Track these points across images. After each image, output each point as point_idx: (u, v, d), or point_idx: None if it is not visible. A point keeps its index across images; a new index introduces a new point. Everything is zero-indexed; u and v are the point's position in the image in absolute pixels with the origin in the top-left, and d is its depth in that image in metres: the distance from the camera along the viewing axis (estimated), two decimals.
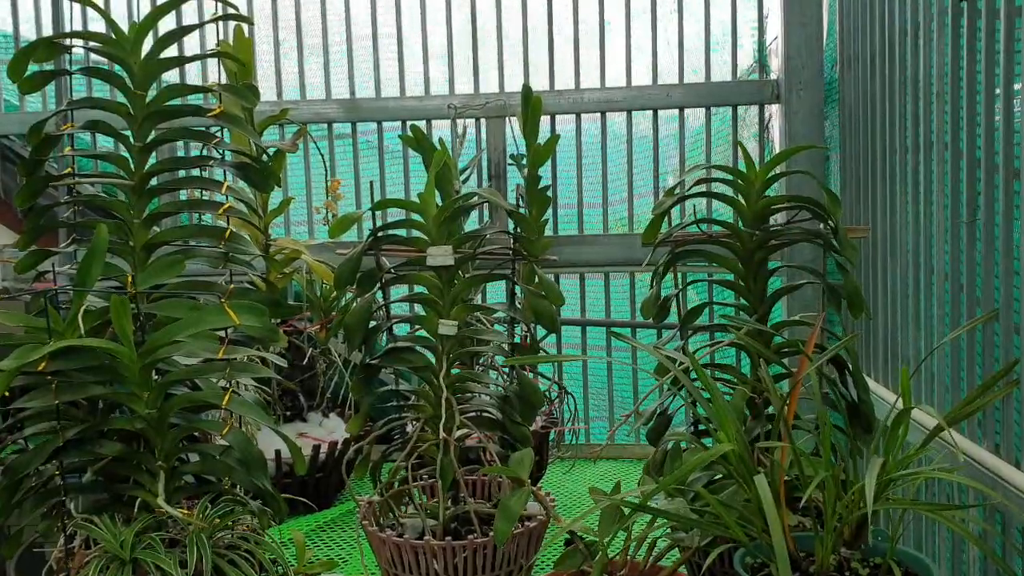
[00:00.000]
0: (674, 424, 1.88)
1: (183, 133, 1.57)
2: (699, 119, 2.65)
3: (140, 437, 1.55)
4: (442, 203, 1.76)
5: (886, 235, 1.93)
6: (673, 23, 2.58)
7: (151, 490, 1.53)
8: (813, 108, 2.42)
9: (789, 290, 1.76)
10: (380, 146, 2.72)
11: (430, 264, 1.71)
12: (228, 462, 1.53)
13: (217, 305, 1.43)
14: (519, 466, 1.54)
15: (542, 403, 1.75)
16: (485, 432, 1.73)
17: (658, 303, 1.80)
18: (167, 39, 1.56)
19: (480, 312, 1.89)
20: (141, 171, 1.59)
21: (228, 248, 1.59)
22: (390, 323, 1.77)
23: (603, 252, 2.57)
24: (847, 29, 2.23)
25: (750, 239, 1.74)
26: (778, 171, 1.71)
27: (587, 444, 2.63)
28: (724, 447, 1.30)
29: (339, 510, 2.21)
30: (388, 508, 1.75)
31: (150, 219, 1.60)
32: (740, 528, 1.30)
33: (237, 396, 1.51)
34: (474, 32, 2.67)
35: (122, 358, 1.43)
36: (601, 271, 2.69)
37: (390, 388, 1.80)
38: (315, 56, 2.71)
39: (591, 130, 2.66)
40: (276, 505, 1.55)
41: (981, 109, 1.42)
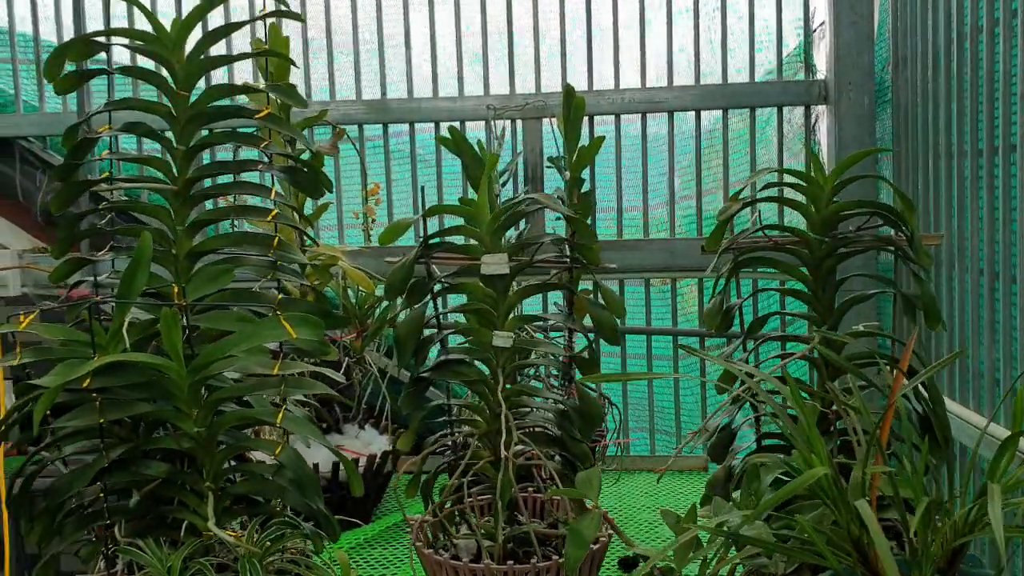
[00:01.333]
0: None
1: (231, 136, 1.49)
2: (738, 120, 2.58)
3: (185, 457, 1.47)
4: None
5: (951, 242, 1.86)
6: (716, 22, 2.51)
7: (199, 512, 1.45)
8: (864, 109, 2.34)
9: (861, 299, 1.68)
10: (412, 149, 2.64)
11: (484, 273, 1.63)
12: (280, 482, 1.45)
13: (273, 318, 1.35)
14: (587, 487, 1.46)
15: (602, 418, 1.68)
16: (543, 449, 1.66)
17: (722, 312, 1.73)
18: (213, 36, 1.48)
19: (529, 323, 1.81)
20: (185, 176, 1.51)
21: (277, 256, 1.51)
22: (442, 334, 1.69)
23: (644, 258, 2.50)
24: (901, 27, 2.16)
25: (819, 246, 1.66)
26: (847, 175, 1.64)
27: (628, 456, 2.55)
28: (818, 471, 1.22)
29: (379, 526, 2.13)
30: (441, 529, 1.67)
31: (194, 226, 1.52)
32: (835, 558, 1.23)
33: (290, 413, 1.43)
34: (510, 31, 2.59)
35: (171, 374, 1.36)
36: (641, 277, 2.61)
37: (442, 402, 1.72)
38: (344, 55, 2.64)
39: (629, 131, 2.59)
40: (330, 527, 1.48)
41: None
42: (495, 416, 1.67)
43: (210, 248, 1.52)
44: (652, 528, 2.17)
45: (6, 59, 2.88)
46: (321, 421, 2.22)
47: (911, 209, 1.60)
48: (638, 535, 2.19)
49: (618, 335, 1.64)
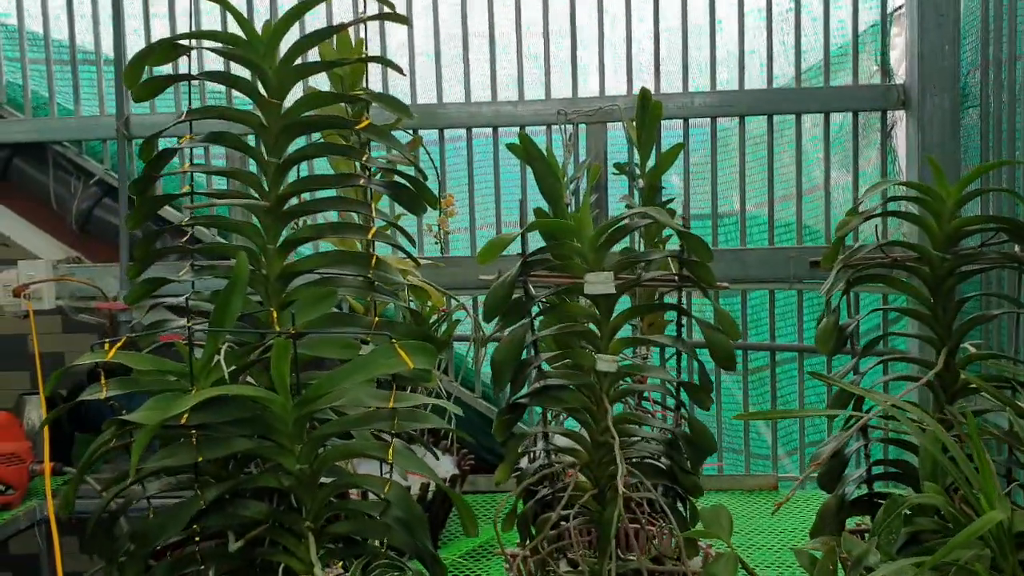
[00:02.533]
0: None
1: (329, 148, 1.38)
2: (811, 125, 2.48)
3: (281, 495, 1.37)
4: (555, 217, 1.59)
5: None
6: (790, 24, 2.41)
7: (296, 554, 1.34)
8: (947, 114, 2.25)
9: (985, 319, 1.59)
10: (469, 155, 2.53)
11: (588, 292, 1.53)
12: (387, 521, 1.35)
13: (387, 346, 1.24)
14: (718, 527, 1.36)
15: (715, 448, 1.57)
16: (650, 481, 1.56)
17: (836, 332, 1.63)
18: (311, 40, 1.38)
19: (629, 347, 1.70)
20: (277, 191, 1.40)
21: (375, 277, 1.41)
22: (540, 358, 1.59)
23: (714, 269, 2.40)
24: (995, 28, 2.06)
25: (941, 263, 1.57)
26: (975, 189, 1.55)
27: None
28: (995, 516, 1.12)
29: (450, 554, 2.03)
30: (541, 565, 1.57)
31: (285, 245, 1.42)
32: None
33: (398, 447, 1.33)
34: (573, 34, 2.48)
35: (275, 408, 1.25)
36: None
37: (538, 430, 1.62)
38: (399, 59, 2.53)
39: (697, 135, 2.49)
40: (439, 568, 1.37)
41: None
42: (598, 446, 1.57)
43: (305, 268, 1.42)
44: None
45: (40, 60, 2.76)
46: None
47: None
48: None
49: (734, 360, 1.54)
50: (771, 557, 2.05)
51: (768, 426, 2.53)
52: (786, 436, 2.59)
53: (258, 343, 1.36)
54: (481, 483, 2.45)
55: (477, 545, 2.09)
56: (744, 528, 2.21)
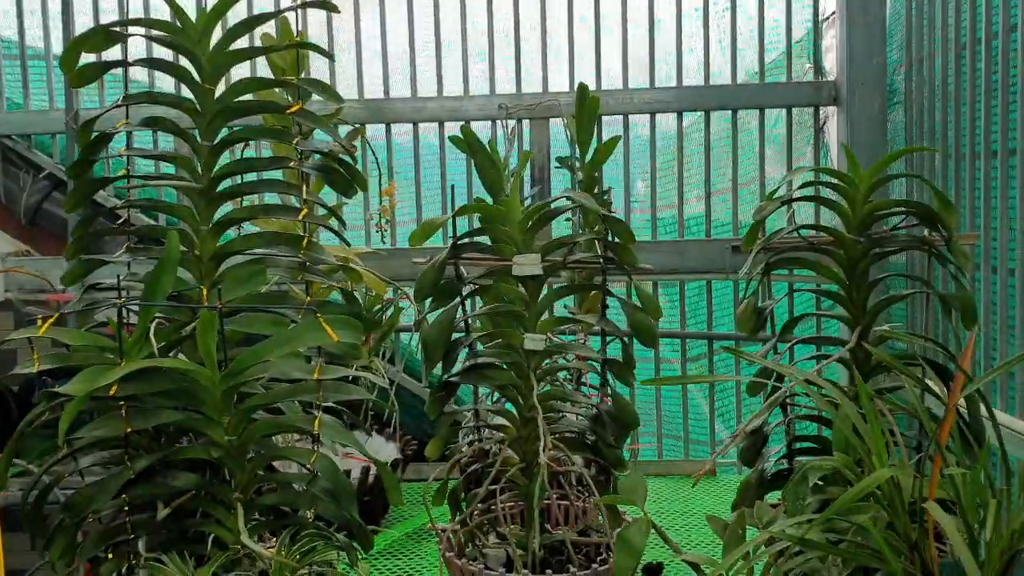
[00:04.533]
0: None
1: (258, 132, 1.43)
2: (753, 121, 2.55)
3: (212, 467, 1.41)
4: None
5: (979, 242, 1.84)
6: (725, 22, 2.48)
7: (226, 525, 1.38)
8: (875, 110, 2.33)
9: (896, 299, 1.66)
10: (416, 149, 2.58)
11: (516, 274, 1.58)
12: (315, 492, 1.39)
13: (312, 320, 1.29)
14: (634, 494, 1.42)
15: (637, 423, 1.63)
16: (577, 455, 1.61)
17: (755, 314, 1.69)
18: (240, 28, 1.42)
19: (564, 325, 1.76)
20: (210, 173, 1.45)
21: (307, 257, 1.45)
22: (472, 338, 1.64)
23: (653, 260, 2.46)
24: (917, 28, 2.15)
25: (855, 246, 1.64)
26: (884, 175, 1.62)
27: (636, 461, 2.52)
28: (884, 473, 1.19)
29: (391, 536, 2.07)
30: (470, 537, 1.62)
31: (218, 226, 1.46)
32: (899, 564, 1.20)
33: (325, 420, 1.37)
34: (516, 29, 2.54)
35: (202, 380, 1.29)
36: (651, 279, 2.57)
37: (469, 407, 1.67)
38: (346, 54, 2.57)
39: (637, 132, 2.56)
40: (365, 538, 1.42)
41: None
42: (526, 422, 1.62)
43: (238, 249, 1.46)
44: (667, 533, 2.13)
45: None
46: None
47: (950, 209, 1.58)
48: (650, 541, 2.15)
49: (655, 338, 1.60)
50: (705, 537, 2.11)
51: (707, 412, 2.59)
52: (725, 422, 2.66)
53: (189, 319, 1.40)
54: (427, 471, 2.48)
55: (420, 526, 2.13)
56: (680, 510, 2.27)
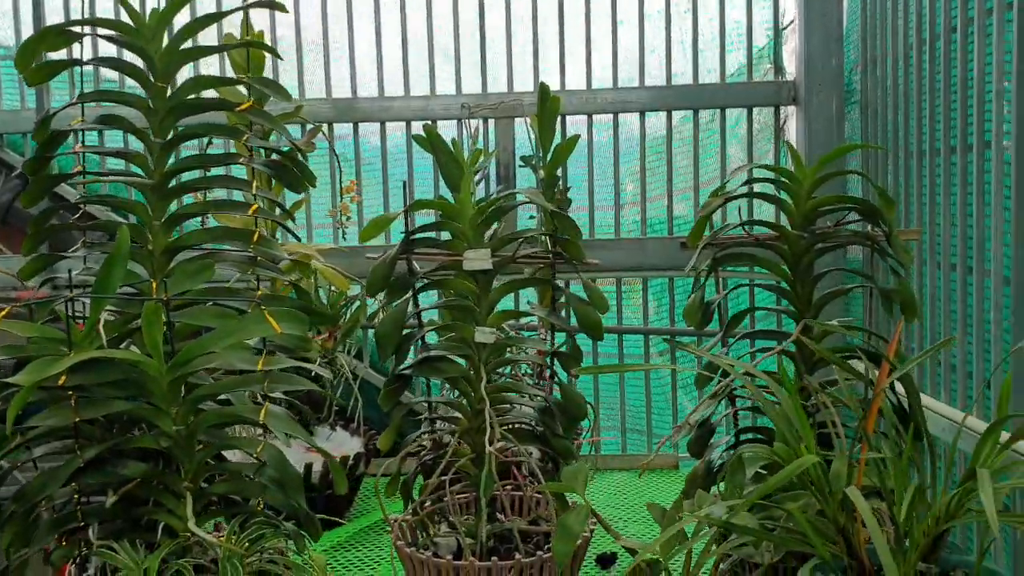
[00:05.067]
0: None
1: (211, 128, 1.46)
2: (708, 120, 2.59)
3: (162, 456, 1.44)
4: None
5: (924, 237, 1.88)
6: (687, 22, 2.52)
7: (176, 513, 1.41)
8: (833, 110, 2.37)
9: (840, 293, 1.69)
10: (383, 148, 2.61)
11: (467, 268, 1.62)
12: (262, 481, 1.43)
13: (257, 313, 1.32)
14: (574, 481, 1.45)
15: (585, 414, 1.67)
16: (526, 445, 1.65)
17: (702, 308, 1.73)
18: (192, 28, 1.45)
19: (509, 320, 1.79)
20: (162, 169, 1.48)
21: (257, 252, 1.48)
22: (423, 331, 1.67)
23: (616, 257, 2.50)
24: (871, 30, 2.19)
25: (799, 241, 1.68)
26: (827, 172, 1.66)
27: (599, 455, 2.55)
28: (809, 459, 1.23)
29: (353, 528, 2.10)
30: (421, 527, 1.65)
31: (170, 221, 1.49)
32: (824, 546, 1.23)
33: (272, 411, 1.40)
34: (482, 30, 2.58)
35: (149, 371, 1.32)
36: (613, 276, 2.62)
37: (421, 400, 1.71)
38: (314, 54, 2.61)
39: (601, 131, 2.59)
40: (312, 527, 1.45)
41: None
42: (476, 413, 1.65)
43: (188, 243, 1.49)
44: (624, 525, 2.17)
45: None
46: None
47: (890, 205, 1.62)
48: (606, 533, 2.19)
49: (602, 331, 1.64)
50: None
51: (670, 408, 2.63)
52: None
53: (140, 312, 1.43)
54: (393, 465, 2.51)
55: (380, 519, 2.16)
56: (640, 503, 2.31)
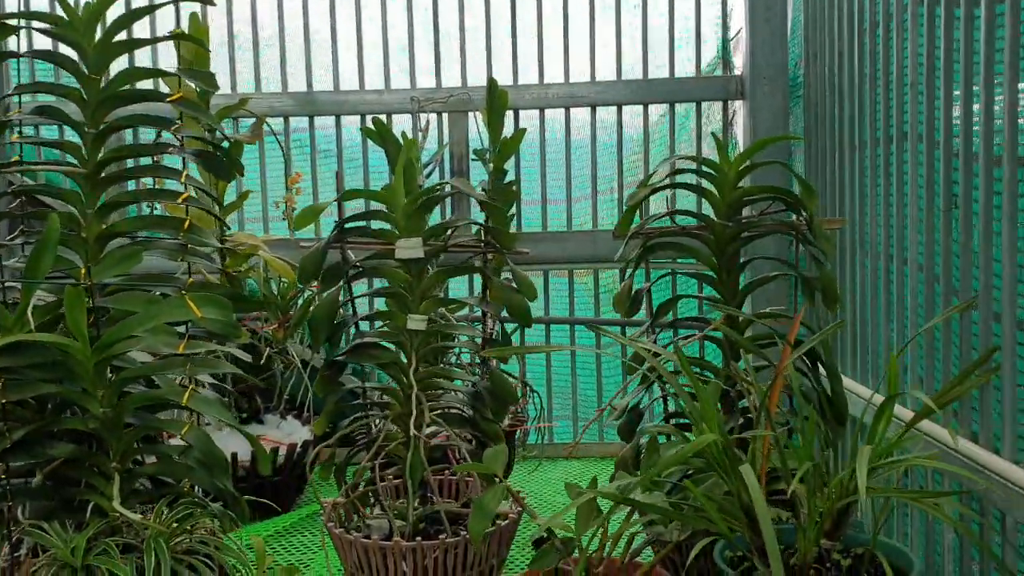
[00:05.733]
0: (645, 420, 1.85)
1: (140, 119, 1.50)
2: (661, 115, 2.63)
3: (93, 438, 1.47)
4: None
5: (855, 227, 1.93)
6: (637, 18, 2.56)
7: (105, 493, 1.45)
8: (778, 103, 2.42)
9: (764, 281, 1.74)
10: (339, 142, 2.65)
11: (399, 257, 1.65)
12: (188, 463, 1.46)
13: (177, 297, 1.36)
14: (493, 462, 1.49)
15: (515, 399, 1.71)
16: (455, 430, 1.68)
17: (630, 297, 1.77)
18: (123, 21, 1.49)
19: (447, 308, 1.83)
20: (95, 159, 1.51)
21: (187, 239, 1.52)
22: (356, 318, 1.71)
23: (567, 249, 2.54)
24: (812, 25, 2.23)
25: (723, 231, 1.72)
26: (751, 162, 1.70)
27: (551, 443, 2.59)
28: (708, 437, 1.27)
29: (299, 514, 2.14)
30: (354, 510, 1.69)
31: (103, 209, 1.52)
32: (724, 522, 1.27)
33: (198, 394, 1.44)
34: (436, 25, 2.61)
35: (75, 354, 1.36)
36: (565, 268, 2.65)
37: (355, 386, 1.74)
38: (271, 49, 2.64)
39: (555, 125, 2.63)
40: (238, 508, 1.49)
41: (959, 99, 1.41)
42: (408, 398, 1.69)
43: (120, 231, 1.53)
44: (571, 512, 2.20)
45: None
46: (242, 411, 2.23)
47: (811, 194, 1.66)
48: (556, 512, 2.23)
49: (530, 317, 1.68)
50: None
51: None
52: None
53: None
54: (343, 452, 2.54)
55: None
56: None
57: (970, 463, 1.36)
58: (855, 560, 1.31)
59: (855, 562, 1.31)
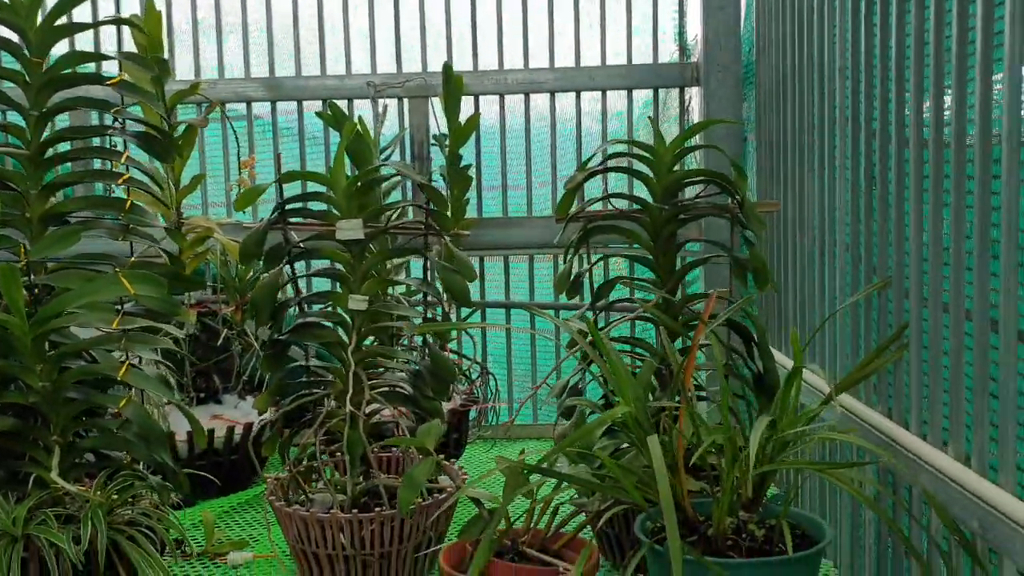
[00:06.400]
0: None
1: (81, 101, 1.53)
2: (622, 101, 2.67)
3: (35, 412, 1.51)
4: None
5: (796, 211, 1.97)
6: (595, 5, 2.59)
7: (46, 466, 1.49)
8: (731, 90, 2.45)
9: (697, 263, 1.78)
10: (300, 126, 2.68)
11: (340, 238, 1.69)
12: (127, 436, 1.50)
13: (111, 275, 1.39)
14: (426, 437, 1.53)
15: (454, 377, 1.75)
16: (398, 407, 1.72)
17: (571, 279, 1.81)
18: (64, 6, 1.52)
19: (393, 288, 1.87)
20: (38, 140, 1.55)
21: (129, 220, 1.56)
22: (299, 298, 1.75)
23: (527, 235, 2.57)
24: (763, 13, 2.26)
25: (660, 213, 1.76)
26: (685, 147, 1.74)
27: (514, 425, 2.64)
28: (621, 409, 1.31)
29: (255, 491, 2.18)
30: (297, 484, 1.73)
31: (47, 190, 1.56)
32: (638, 491, 1.31)
33: (136, 370, 1.48)
34: (396, 11, 2.65)
35: (14, 329, 1.40)
36: (526, 254, 2.69)
37: (299, 364, 1.78)
38: (235, 35, 2.67)
39: (515, 112, 2.67)
40: (177, 480, 1.53)
41: (877, 82, 1.45)
42: (349, 376, 1.73)
43: (63, 211, 1.56)
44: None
45: None
46: (200, 391, 2.26)
47: (743, 177, 1.70)
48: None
49: (469, 298, 1.71)
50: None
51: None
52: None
53: None
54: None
55: None
56: None
57: (884, 438, 1.41)
58: (769, 531, 1.36)
59: (769, 532, 1.35)
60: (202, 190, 2.69)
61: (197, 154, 2.69)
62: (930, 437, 1.28)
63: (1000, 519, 1.03)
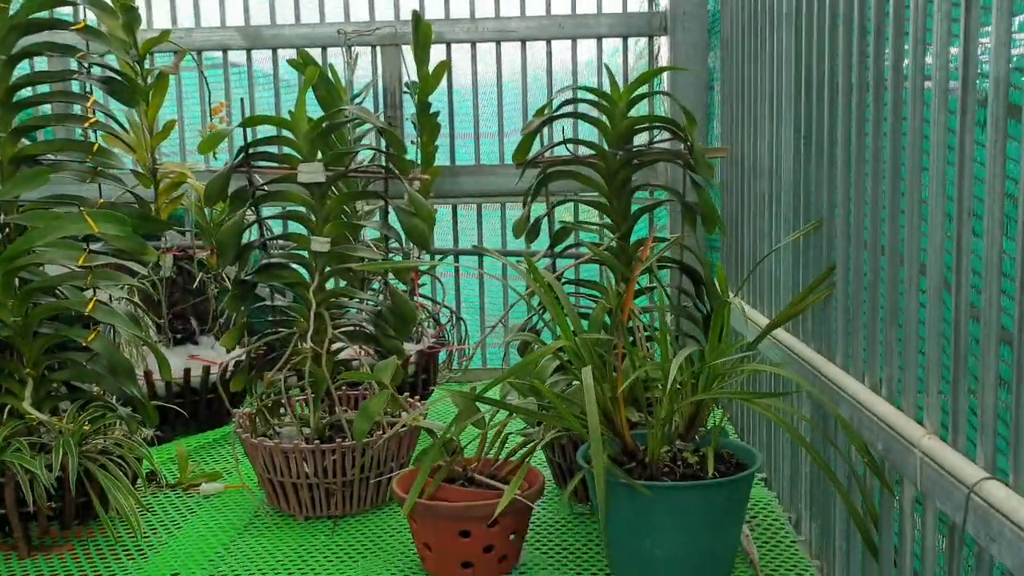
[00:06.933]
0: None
1: (46, 46, 1.57)
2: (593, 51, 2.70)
3: (7, 346, 1.58)
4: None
5: (752, 157, 2.02)
6: None
7: (20, 397, 1.57)
8: (697, 39, 2.49)
9: (651, 207, 1.84)
10: (276, 74, 2.72)
11: (301, 181, 1.75)
12: (96, 369, 1.57)
13: (76, 213, 1.46)
14: (382, 372, 1.61)
15: (415, 317, 1.81)
16: (361, 346, 1.80)
17: (529, 224, 1.87)
18: None
19: (355, 230, 1.93)
20: (6, 84, 1.60)
21: (96, 162, 1.61)
22: (263, 239, 1.81)
23: (500, 183, 2.63)
24: None
25: (614, 159, 1.81)
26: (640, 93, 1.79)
27: (484, 368, 2.71)
28: (559, 343, 1.38)
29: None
30: (264, 418, 1.81)
31: (16, 133, 1.61)
32: (577, 421, 1.39)
33: (104, 306, 1.55)
34: None
35: None
36: (499, 201, 2.75)
37: (263, 304, 1.84)
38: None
39: (487, 62, 2.70)
40: (146, 412, 1.61)
41: (815, 27, 1.50)
42: (315, 316, 1.80)
43: (33, 153, 1.62)
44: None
45: None
46: (177, 332, 2.34)
47: (692, 123, 1.75)
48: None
49: (428, 241, 1.78)
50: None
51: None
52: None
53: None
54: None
55: None
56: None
57: (814, 372, 1.48)
58: (703, 459, 1.43)
59: (702, 460, 1.43)
60: (180, 137, 2.74)
61: (175, 102, 2.73)
62: (852, 369, 1.35)
63: (896, 439, 1.10)
